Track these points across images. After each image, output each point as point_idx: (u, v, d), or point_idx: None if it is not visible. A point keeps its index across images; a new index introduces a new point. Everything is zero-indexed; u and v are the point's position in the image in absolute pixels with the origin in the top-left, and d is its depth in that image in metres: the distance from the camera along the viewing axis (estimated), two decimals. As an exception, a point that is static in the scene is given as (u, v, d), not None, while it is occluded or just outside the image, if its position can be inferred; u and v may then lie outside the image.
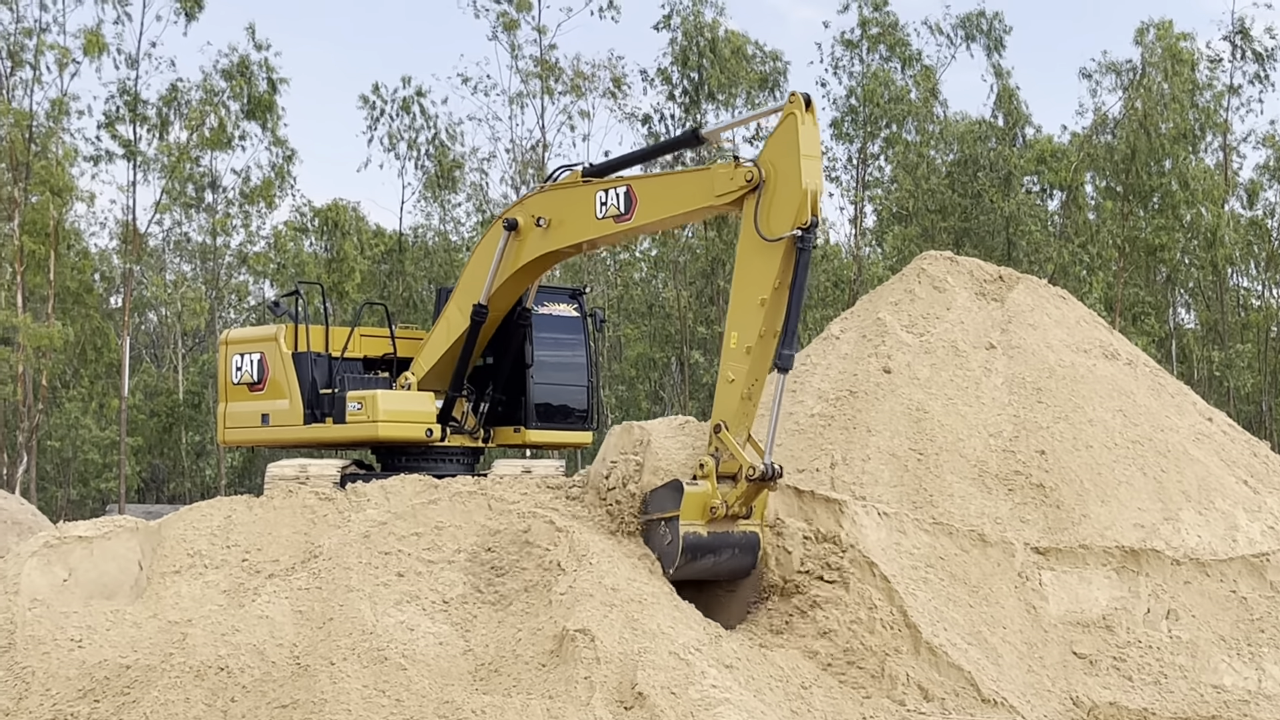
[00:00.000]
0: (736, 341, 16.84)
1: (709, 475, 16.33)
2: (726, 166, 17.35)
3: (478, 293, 20.30)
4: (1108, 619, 17.14)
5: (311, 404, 20.82)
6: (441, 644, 14.78)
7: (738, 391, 16.71)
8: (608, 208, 18.67)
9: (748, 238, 17.04)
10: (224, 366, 21.66)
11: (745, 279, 17.05)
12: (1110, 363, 22.47)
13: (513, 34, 51.91)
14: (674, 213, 18.80)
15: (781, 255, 16.62)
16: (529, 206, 19.96)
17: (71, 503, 57.92)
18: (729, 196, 17.34)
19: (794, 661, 15.22)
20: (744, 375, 16.73)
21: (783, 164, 16.80)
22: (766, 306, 16.65)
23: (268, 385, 21.02)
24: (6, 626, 15.17)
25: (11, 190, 46.00)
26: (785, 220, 16.62)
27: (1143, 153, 52.78)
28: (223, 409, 21.72)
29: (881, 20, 55.06)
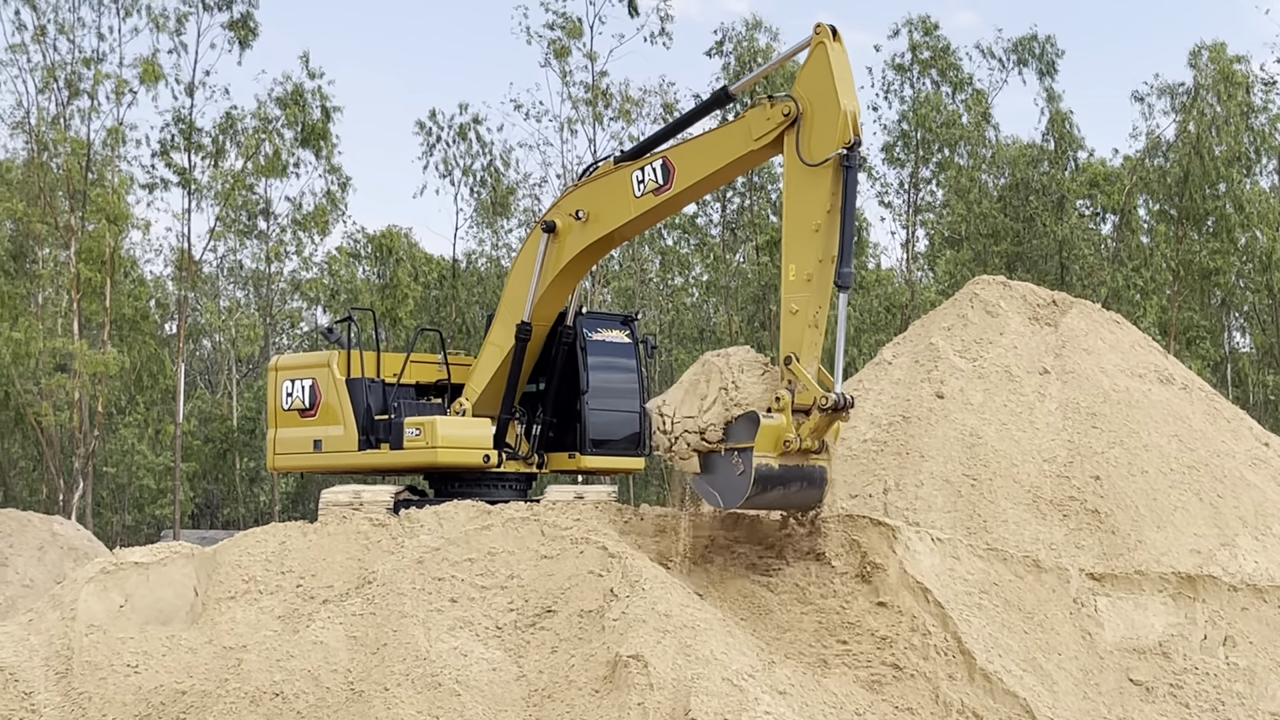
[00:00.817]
0: (795, 273, 17.11)
1: (785, 409, 16.50)
2: (760, 108, 17.69)
3: (521, 308, 20.43)
4: (1164, 646, 17.01)
5: (366, 430, 20.82)
6: (495, 670, 14.79)
7: (803, 321, 16.93)
8: (645, 184, 19.03)
9: (793, 170, 17.33)
10: (274, 392, 21.66)
11: (796, 210, 17.32)
12: (1165, 387, 22.33)
13: (564, 61, 52.04)
14: (714, 168, 18.93)
15: (830, 179, 16.91)
16: (564, 205, 20.21)
17: (127, 528, 58.27)
18: (768, 137, 17.60)
19: (847, 688, 15.16)
20: (808, 304, 16.95)
21: (819, 90, 17.20)
22: (821, 232, 16.91)
23: (320, 411, 21.02)
24: (64, 652, 15.27)
25: (68, 218, 46.37)
26: (828, 143, 16.95)
27: (1196, 176, 52.47)
28: (272, 435, 21.71)
29: (932, 44, 54.97)
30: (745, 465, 16.45)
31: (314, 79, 50.86)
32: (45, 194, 46.29)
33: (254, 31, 48.66)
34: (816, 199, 17.08)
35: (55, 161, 46.67)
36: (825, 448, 16.86)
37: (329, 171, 52.85)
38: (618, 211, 19.58)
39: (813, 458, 16.77)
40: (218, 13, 48.28)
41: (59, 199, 46.75)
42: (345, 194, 53.80)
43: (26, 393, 46.22)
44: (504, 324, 20.72)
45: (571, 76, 52.40)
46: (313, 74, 50.85)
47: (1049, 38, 55.88)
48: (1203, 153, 52.57)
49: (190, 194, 49.73)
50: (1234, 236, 53.83)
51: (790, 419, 16.50)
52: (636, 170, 19.23)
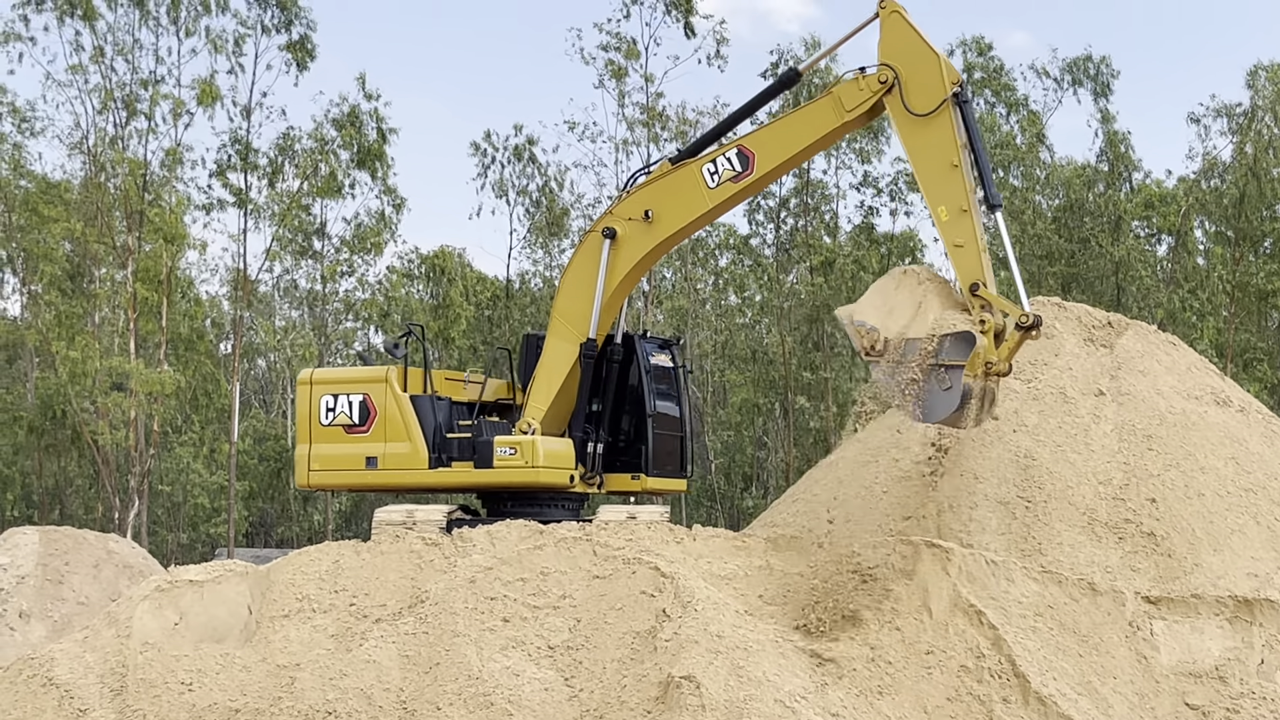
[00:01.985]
0: (947, 211, 18.31)
1: (989, 332, 17.50)
2: (850, 82, 19.04)
3: (580, 322, 20.46)
4: (1221, 670, 16.87)
5: (439, 448, 20.65)
6: (547, 690, 14.79)
7: (974, 250, 18.18)
8: (721, 174, 19.77)
9: (906, 125, 18.70)
10: (308, 407, 21.07)
11: (925, 157, 18.68)
12: (1222, 409, 22.17)
13: (620, 82, 52.09)
14: (801, 147, 20.02)
15: (948, 119, 18.37)
16: (625, 209, 20.36)
17: (181, 546, 58.60)
18: (861, 108, 18.96)
19: (901, 710, 15.10)
20: (971, 233, 18.22)
21: (910, 48, 18.78)
22: (959, 166, 18.28)
23: (375, 427, 20.65)
24: (119, 669, 15.35)
25: (125, 238, 46.72)
26: (936, 90, 18.47)
27: (1253, 197, 52.10)
28: (305, 450, 21.05)
29: (985, 65, 54.79)
30: (954, 384, 17.35)
31: (371, 100, 51.12)
32: (103, 214, 46.63)
33: (311, 54, 48.93)
34: (943, 140, 18.45)
35: (113, 182, 47.02)
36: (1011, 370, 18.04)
37: (384, 192, 53.09)
38: (690, 206, 20.14)
39: (993, 380, 17.85)
40: (276, 34, 48.59)
41: (116, 219, 47.09)
42: (399, 215, 53.99)
43: (83, 411, 46.54)
44: (562, 339, 20.72)
45: (629, 98, 52.46)
46: (370, 95, 51.08)
47: (1104, 58, 55.68)
48: (1259, 174, 52.19)
49: (246, 214, 50.04)
50: (1291, 258, 53.45)
51: (992, 342, 17.54)
52: (706, 164, 19.88)
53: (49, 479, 53.93)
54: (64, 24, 46.55)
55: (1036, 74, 56.43)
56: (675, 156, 20.67)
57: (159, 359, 47.19)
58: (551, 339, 20.84)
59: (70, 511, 53.91)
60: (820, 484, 23.36)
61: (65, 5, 46.10)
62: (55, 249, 47.80)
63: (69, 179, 49.11)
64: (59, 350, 45.25)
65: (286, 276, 61.86)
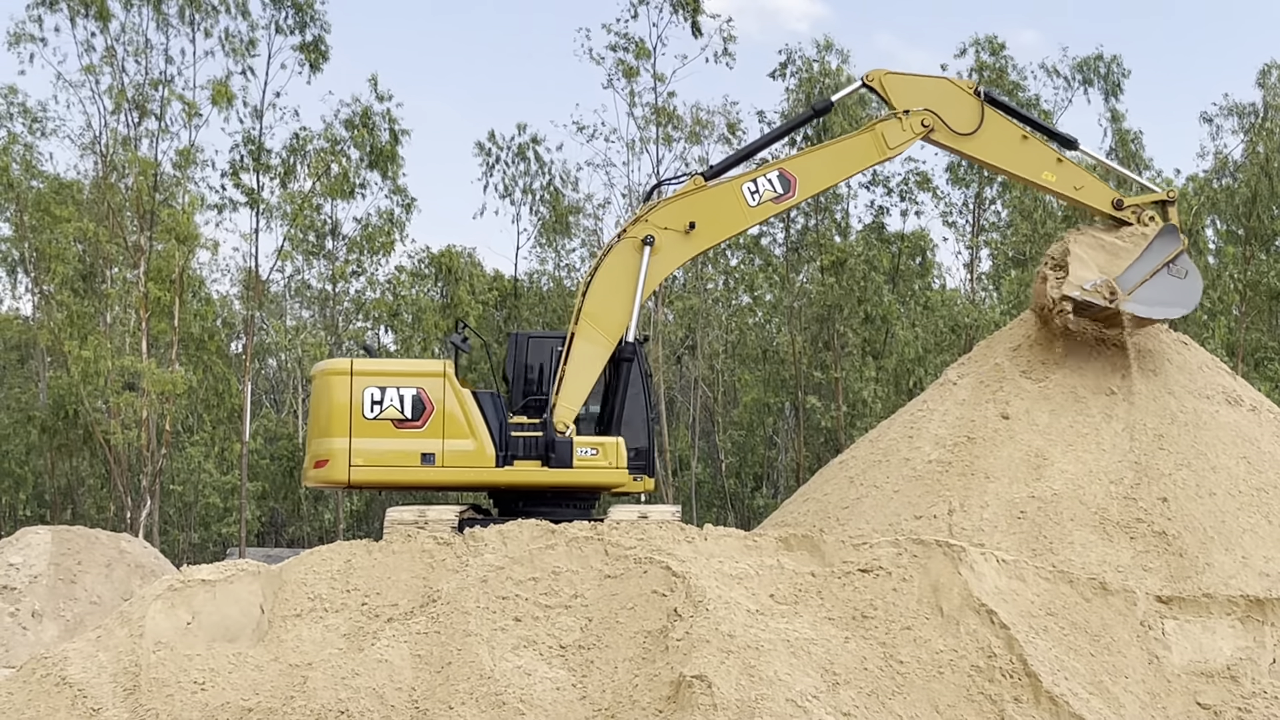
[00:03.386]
0: (1050, 172, 22.34)
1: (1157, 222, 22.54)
2: (893, 122, 21.80)
3: (615, 325, 20.55)
4: (1232, 669, 16.86)
5: (504, 445, 20.51)
6: (558, 689, 14.81)
7: (1091, 181, 22.66)
8: (762, 194, 21.45)
9: (969, 144, 22.15)
10: (350, 399, 20.23)
11: (1000, 153, 22.26)
12: (1233, 409, 22.16)
13: (631, 81, 52.08)
14: (843, 176, 23.58)
15: (995, 114, 22.16)
16: (663, 218, 20.79)
17: (193, 546, 58.65)
18: (904, 147, 21.94)
19: (912, 710, 15.10)
20: (1079, 172, 22.58)
21: (922, 90, 21.93)
22: (1028, 137, 22.33)
23: (432, 423, 20.27)
24: (131, 669, 15.38)
25: (138, 238, 46.79)
26: (969, 104, 21.97)
27: (1264, 196, 51.99)
28: (342, 445, 20.21)
29: (993, 65, 54.70)
30: (1185, 265, 21.56)
31: (383, 101, 51.17)
32: (114, 214, 46.70)
33: (325, 55, 48.96)
34: (1001, 131, 22.11)
35: (124, 182, 47.08)
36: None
37: (394, 192, 53.14)
38: (731, 221, 21.80)
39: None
40: (290, 35, 48.63)
41: (128, 219, 47.15)
42: (409, 215, 54.03)
43: (95, 411, 46.61)
44: (592, 342, 20.75)
45: (639, 98, 52.46)
46: (381, 97, 51.13)
47: (1115, 58, 55.56)
48: (1271, 173, 52.08)
49: (258, 214, 50.10)
50: (1303, 257, 53.35)
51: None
52: (747, 183, 21.49)
53: (61, 479, 54.00)
54: (76, 24, 46.62)
55: (1047, 73, 56.31)
56: (706, 172, 21.90)
57: (171, 359, 47.25)
58: (580, 341, 20.82)
59: (82, 511, 53.98)
60: (831, 483, 23.38)
61: (79, 5, 46.14)
62: (67, 249, 47.86)
63: (81, 179, 49.21)
64: (71, 350, 45.31)
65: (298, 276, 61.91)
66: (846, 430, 51.04)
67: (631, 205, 54.05)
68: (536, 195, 56.91)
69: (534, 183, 56.79)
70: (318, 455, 20.66)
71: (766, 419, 59.81)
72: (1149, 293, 21.55)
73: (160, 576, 19.26)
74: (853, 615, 16.10)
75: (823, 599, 16.24)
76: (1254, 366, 53.61)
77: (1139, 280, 21.49)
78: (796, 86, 52.12)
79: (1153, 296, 21.57)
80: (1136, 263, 21.77)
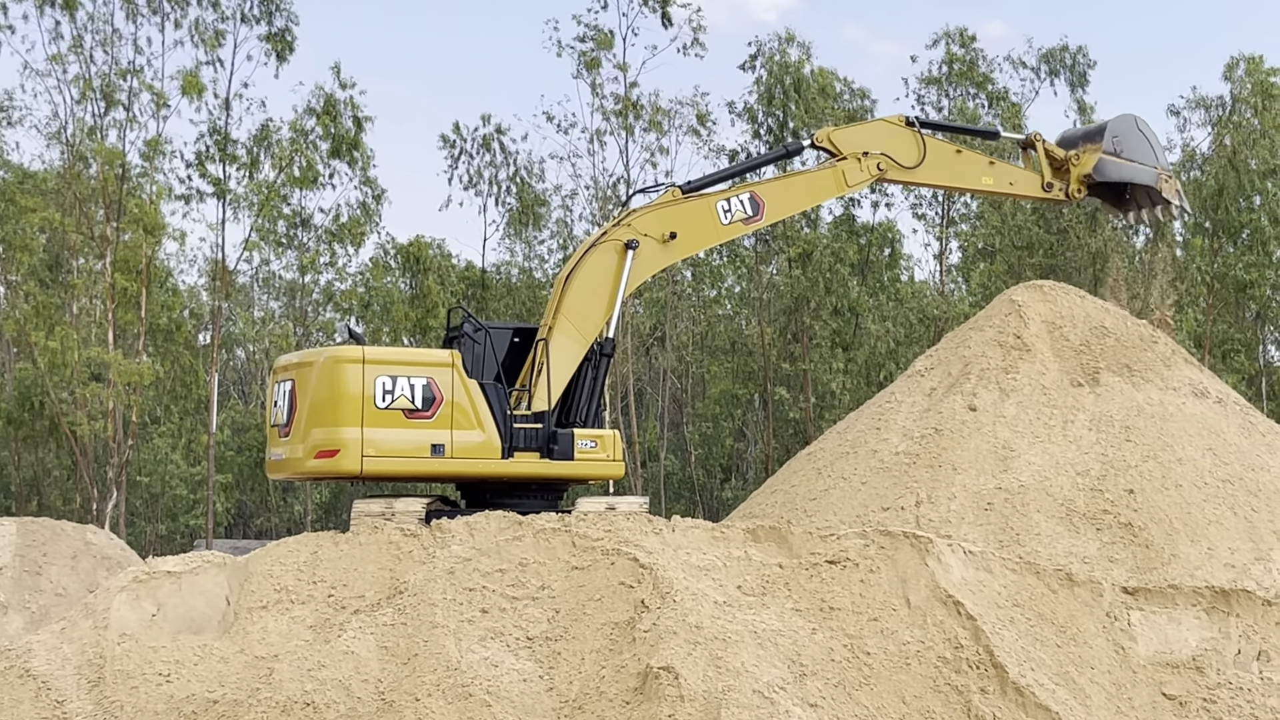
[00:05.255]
0: (986, 175, 23.73)
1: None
2: (854, 164, 22.80)
3: (593, 323, 20.61)
4: (1198, 660, 16.93)
5: (509, 436, 20.44)
6: (525, 681, 14.80)
7: (1022, 173, 24.34)
8: (733, 214, 21.93)
9: (917, 174, 23.34)
10: (364, 387, 19.51)
11: (941, 174, 23.72)
12: (1200, 401, 22.25)
13: (595, 72, 52.02)
14: (805, 205, 25.19)
15: (930, 139, 23.31)
16: (646, 225, 20.93)
17: (160, 538, 58.45)
18: (862, 185, 23.22)
19: (879, 701, 15.13)
20: (1010, 169, 24.44)
21: (866, 137, 23.18)
22: (961, 150, 23.97)
23: (441, 413, 19.73)
24: (96, 660, 15.31)
25: (104, 228, 46.58)
26: (912, 141, 23.10)
27: (1231, 189, 52.22)
28: (354, 435, 19.44)
29: (962, 57, 54.80)
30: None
31: (346, 89, 51.02)
32: (81, 204, 46.50)
33: (291, 46, 48.79)
34: (941, 150, 23.39)
35: (90, 172, 46.88)
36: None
37: (364, 184, 53.02)
38: (705, 236, 22.28)
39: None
40: (256, 25, 48.43)
41: (94, 209, 46.95)
42: (380, 205, 53.93)
43: (61, 402, 46.41)
44: (570, 339, 20.72)
45: (602, 88, 52.40)
46: (345, 84, 50.99)
47: (1080, 48, 55.77)
48: (1238, 166, 52.32)
49: (225, 205, 49.91)
50: (1269, 249, 53.54)
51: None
52: (721, 201, 21.93)
53: (27, 470, 53.78)
54: (44, 13, 46.38)
55: (1013, 65, 56.47)
56: (685, 185, 22.09)
57: (137, 349, 47.07)
58: (558, 338, 20.77)
59: (48, 502, 53.74)
60: (799, 475, 23.41)
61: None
62: (33, 239, 47.65)
63: (48, 169, 48.96)
64: (37, 340, 45.11)
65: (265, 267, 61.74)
66: (815, 422, 51.11)
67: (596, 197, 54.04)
68: (503, 187, 56.89)
69: (500, 174, 56.78)
70: (321, 445, 19.82)
71: (735, 410, 59.88)
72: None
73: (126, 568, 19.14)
74: (820, 607, 16.11)
75: (790, 590, 16.25)
76: (1221, 358, 53.87)
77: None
78: (767, 78, 52.13)
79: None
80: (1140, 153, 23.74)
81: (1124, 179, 23.75)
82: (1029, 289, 24.29)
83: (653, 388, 62.73)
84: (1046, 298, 23.84)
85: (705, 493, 58.96)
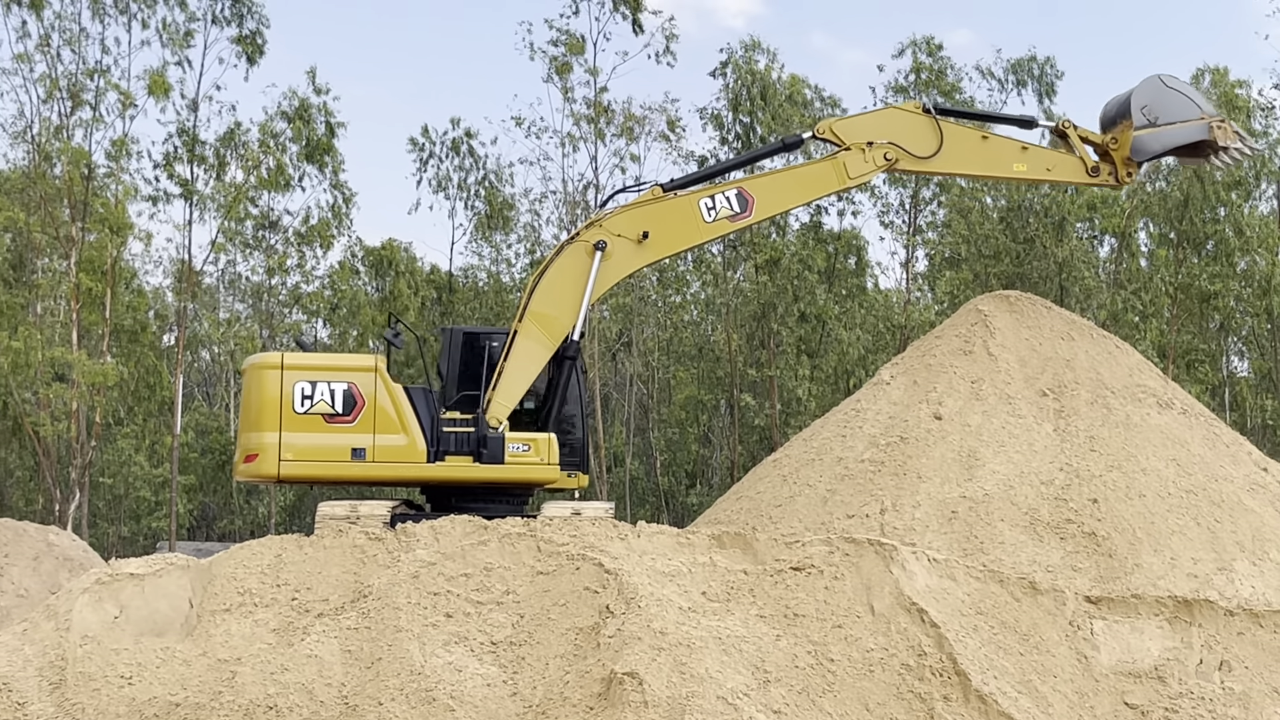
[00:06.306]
0: (1019, 162, 22.64)
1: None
2: (855, 153, 21.78)
3: (559, 326, 20.51)
4: (1160, 670, 16.99)
5: (435, 440, 20.38)
6: (489, 685, 14.78)
7: (1060, 157, 23.15)
8: (718, 211, 21.27)
9: (933, 164, 22.50)
10: (280, 392, 20.06)
11: (966, 162, 22.72)
12: (1164, 412, 22.34)
13: (566, 77, 51.97)
14: (801, 201, 23.34)
15: (950, 125, 22.39)
16: (617, 225, 20.68)
17: (123, 539, 58.15)
18: (865, 178, 22.11)
19: (842, 708, 15.15)
20: (1047, 154, 23.08)
21: (873, 126, 21.99)
22: (988, 136, 22.82)
23: (363, 417, 20.12)
24: (57, 663, 15.24)
25: (69, 228, 46.35)
26: (928, 128, 22.24)
27: (1196, 200, 52.43)
28: (273, 439, 20.03)
29: (930, 66, 54.90)
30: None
31: (320, 95, 50.95)
32: (46, 204, 46.26)
33: (262, 49, 48.63)
34: (960, 139, 22.34)
35: (56, 171, 46.63)
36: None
37: (334, 187, 52.91)
38: (684, 235, 21.62)
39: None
40: (226, 27, 48.26)
41: (60, 209, 46.71)
42: (349, 208, 53.84)
43: (24, 402, 46.14)
44: (534, 340, 20.71)
45: (574, 93, 52.37)
46: (319, 90, 50.92)
47: (1048, 59, 55.93)
48: (1203, 176, 52.53)
49: (192, 206, 49.71)
50: (1233, 261, 53.75)
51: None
52: (704, 198, 21.29)
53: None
54: (10, 11, 46.14)
55: (981, 74, 56.59)
56: (667, 184, 21.66)
57: (102, 350, 46.84)
58: (522, 339, 20.80)
59: (10, 503, 53.42)
60: (764, 481, 23.43)
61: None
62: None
63: (13, 168, 48.69)
64: (0, 340, 44.85)
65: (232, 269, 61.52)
66: (781, 429, 51.14)
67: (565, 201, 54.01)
68: (471, 190, 56.84)
69: (469, 177, 56.72)
70: (248, 449, 20.48)
71: (701, 416, 59.88)
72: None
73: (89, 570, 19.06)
74: (784, 613, 16.13)
75: (755, 597, 16.26)
76: (1185, 369, 54.06)
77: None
78: (735, 83, 52.15)
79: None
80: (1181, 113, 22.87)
81: (1169, 147, 22.81)
82: (995, 298, 24.32)
83: (619, 393, 62.68)
84: (1013, 307, 23.89)
85: (671, 498, 58.93)
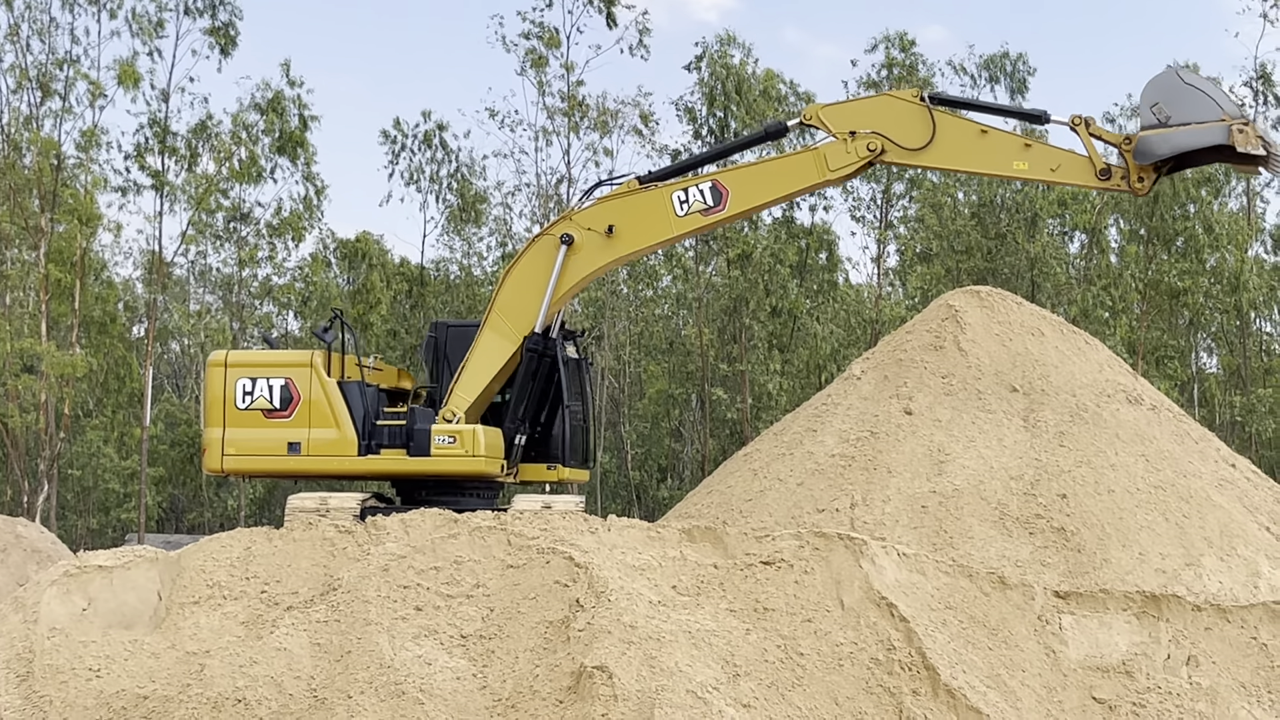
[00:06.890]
0: (1020, 160, 20.52)
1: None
2: (836, 144, 20.43)
3: (523, 319, 20.49)
4: (1128, 664, 17.05)
5: (369, 434, 20.50)
6: (459, 679, 14.76)
7: (1068, 156, 20.87)
8: (691, 205, 20.47)
9: (925, 156, 20.67)
10: (223, 389, 20.76)
11: (963, 157, 20.78)
12: (1133, 407, 22.41)
13: (541, 70, 51.95)
14: (778, 195, 21.23)
15: (944, 116, 20.59)
16: (586, 219, 20.50)
17: (91, 531, 57.96)
18: (847, 169, 20.54)
19: (811, 702, 15.17)
20: (1051, 152, 20.80)
21: (864, 113, 20.64)
22: (988, 130, 20.64)
23: (299, 412, 20.55)
24: (25, 655, 15.18)
25: (38, 219, 46.16)
26: (921, 119, 20.50)
27: (1166, 197, 52.61)
28: (219, 434, 20.75)
29: (902, 61, 54.99)
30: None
31: (294, 87, 50.86)
32: (15, 195, 46.07)
33: (234, 40, 48.49)
34: (960, 130, 20.59)
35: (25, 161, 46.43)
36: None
37: (306, 179, 52.80)
38: (654, 230, 20.79)
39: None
40: (199, 18, 48.11)
41: (29, 200, 46.52)
42: (321, 201, 53.73)
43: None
44: (500, 334, 20.72)
45: (549, 86, 52.33)
46: (293, 82, 50.85)
47: (1021, 55, 56.08)
48: (1172, 174, 52.67)
49: (163, 197, 49.54)
50: (1203, 257, 53.96)
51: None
52: (678, 191, 20.56)
53: (-43, 462, 53.25)
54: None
55: (954, 69, 56.71)
56: (644, 176, 21.08)
57: (71, 341, 46.68)
58: (487, 332, 20.84)
59: (-22, 495, 53.25)
60: (735, 475, 23.45)
61: (-20, -18, 45.50)
62: (-35, 229, 47.18)
63: (-19, 158, 48.50)
64: (-32, 332, 44.69)
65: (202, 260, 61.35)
66: (752, 423, 51.20)
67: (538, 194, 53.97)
68: (444, 183, 56.77)
69: (441, 170, 56.65)
70: (202, 444, 21.33)
71: (672, 411, 59.91)
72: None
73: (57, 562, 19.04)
74: (754, 607, 16.14)
75: (725, 591, 16.27)
76: (1154, 365, 54.27)
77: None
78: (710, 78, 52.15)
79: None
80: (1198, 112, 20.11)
81: (1179, 150, 20.12)
82: (966, 294, 24.37)
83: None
84: (984, 303, 23.94)
85: (642, 492, 58.97)
